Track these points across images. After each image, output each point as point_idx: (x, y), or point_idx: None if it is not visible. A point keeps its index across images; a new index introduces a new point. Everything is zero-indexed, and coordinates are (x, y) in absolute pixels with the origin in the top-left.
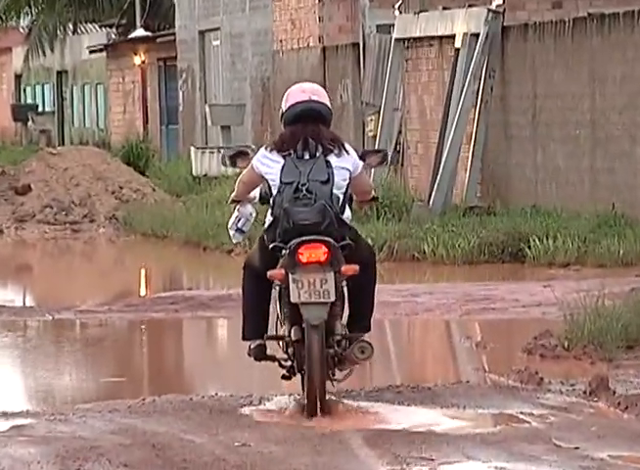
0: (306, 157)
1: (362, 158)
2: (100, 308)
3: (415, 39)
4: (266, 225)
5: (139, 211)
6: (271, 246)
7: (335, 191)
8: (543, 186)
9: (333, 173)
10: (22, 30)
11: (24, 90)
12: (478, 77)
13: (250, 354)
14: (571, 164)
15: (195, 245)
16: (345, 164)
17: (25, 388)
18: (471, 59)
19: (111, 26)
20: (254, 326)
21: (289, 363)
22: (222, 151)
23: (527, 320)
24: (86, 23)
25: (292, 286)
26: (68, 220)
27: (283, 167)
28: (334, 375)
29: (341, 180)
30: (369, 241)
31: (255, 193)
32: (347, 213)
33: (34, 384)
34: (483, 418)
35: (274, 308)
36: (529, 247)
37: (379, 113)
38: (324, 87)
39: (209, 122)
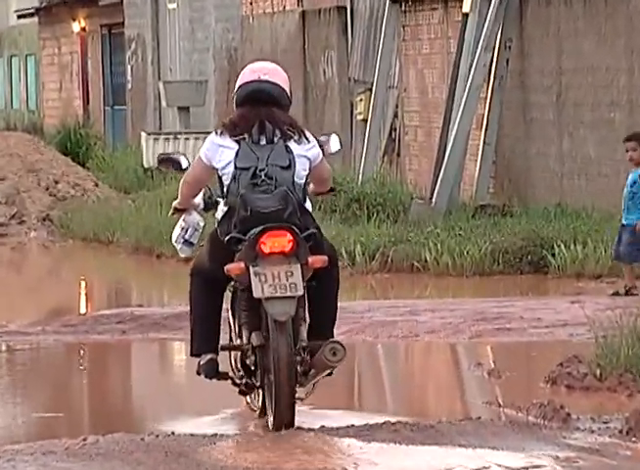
0: (263, 142)
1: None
2: (31, 329)
3: (414, 1)
4: (219, 217)
5: (78, 211)
6: (227, 238)
7: (296, 180)
8: (570, 180)
9: (294, 159)
10: None
11: None
12: (490, 48)
13: (199, 373)
14: (603, 154)
15: (146, 252)
16: (306, 153)
17: None
18: (482, 26)
19: None
20: (205, 339)
21: (244, 381)
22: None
23: (551, 343)
24: None
25: (254, 280)
26: None
27: (237, 152)
28: (300, 386)
29: (301, 169)
30: (358, 247)
31: (199, 200)
32: (308, 206)
33: None
34: (497, 462)
35: (225, 320)
36: (553, 254)
37: (370, 91)
38: (303, 59)
39: (164, 103)
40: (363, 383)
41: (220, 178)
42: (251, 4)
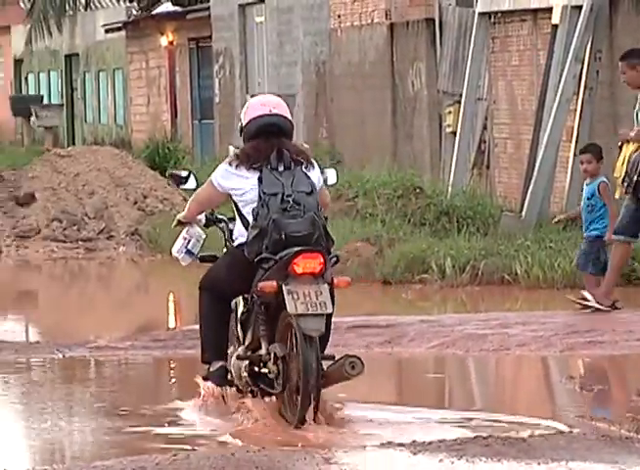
0: (281, 168)
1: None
2: (120, 344)
3: (503, 13)
4: (247, 238)
5: (167, 226)
6: (258, 258)
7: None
8: None
9: (314, 185)
10: (22, 5)
11: (26, 79)
12: (580, 59)
13: (207, 378)
14: None
15: None
16: (314, 178)
17: (29, 441)
18: (571, 37)
19: (131, 0)
20: (215, 348)
21: (249, 388)
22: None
23: None
24: None
25: (287, 297)
26: (80, 237)
27: (261, 179)
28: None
29: (317, 192)
30: (448, 260)
31: (201, 216)
32: None
33: (40, 436)
34: None
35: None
36: None
37: (459, 103)
38: (392, 71)
39: None
40: (454, 397)
41: (235, 203)
42: (339, 17)
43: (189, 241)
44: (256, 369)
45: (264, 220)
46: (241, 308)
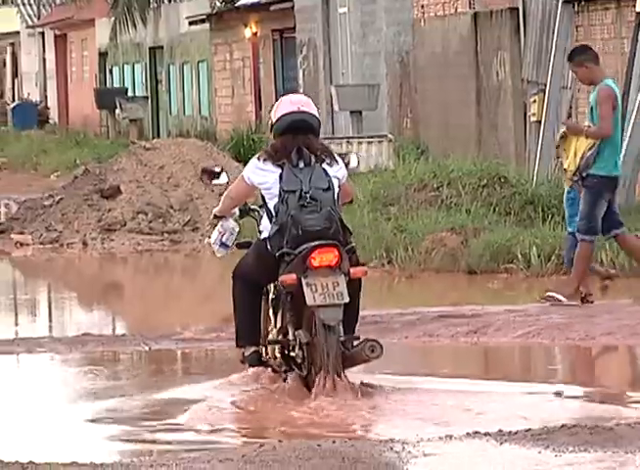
0: (301, 165)
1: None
2: (206, 336)
3: (587, 1)
4: (270, 233)
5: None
6: (279, 252)
7: (335, 199)
8: None
9: (332, 181)
10: None
11: (111, 71)
12: None
13: (243, 361)
14: None
15: None
16: (337, 173)
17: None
18: None
19: None
20: (248, 333)
21: (282, 368)
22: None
23: None
24: None
25: (306, 289)
26: (165, 229)
27: (281, 176)
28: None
29: (335, 189)
30: (534, 249)
31: (235, 209)
32: None
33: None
34: None
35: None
36: None
37: (543, 92)
38: (476, 61)
39: (336, 107)
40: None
41: (263, 196)
42: (422, 7)
43: (223, 234)
44: (286, 352)
45: (284, 216)
46: (272, 294)
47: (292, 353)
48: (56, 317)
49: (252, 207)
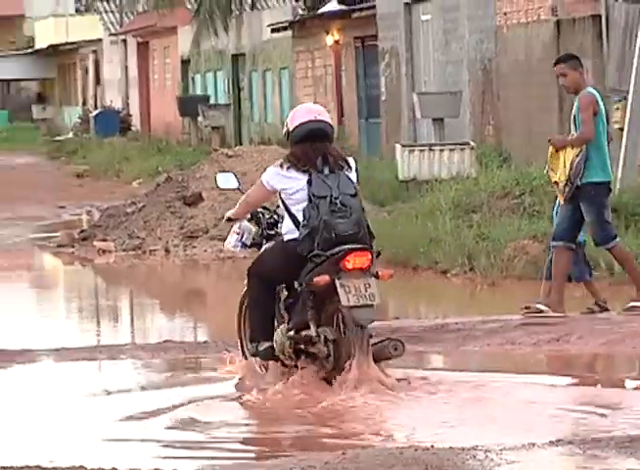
0: (326, 172)
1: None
2: None
3: None
4: (300, 236)
5: None
6: (312, 254)
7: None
8: None
9: (357, 187)
10: (189, 6)
11: (193, 79)
12: None
13: (255, 355)
14: None
15: (402, 264)
16: (353, 179)
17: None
18: None
19: (297, 0)
20: (263, 329)
21: (293, 362)
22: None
23: None
24: None
25: (340, 291)
26: None
27: (310, 182)
28: None
29: (359, 193)
30: None
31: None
32: None
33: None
34: None
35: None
36: None
37: (626, 99)
38: None
39: (418, 115)
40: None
41: (283, 201)
42: (505, 14)
43: (242, 234)
44: (302, 347)
45: (315, 220)
46: (284, 295)
47: (311, 349)
48: (138, 324)
49: (259, 210)
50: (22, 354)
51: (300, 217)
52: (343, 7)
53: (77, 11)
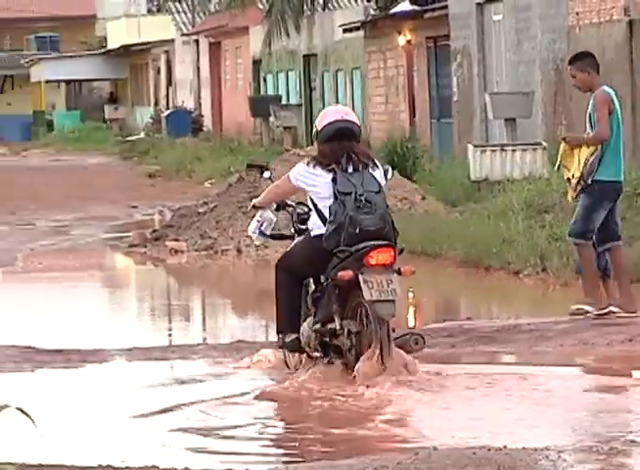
0: (350, 170)
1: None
2: None
3: None
4: (326, 232)
5: (406, 224)
6: (338, 249)
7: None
8: None
9: (380, 185)
10: (260, 6)
11: (265, 79)
12: None
13: (282, 347)
14: None
15: (474, 264)
16: (378, 178)
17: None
18: None
19: (369, 0)
20: (290, 321)
21: (318, 354)
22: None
23: None
24: None
25: (363, 286)
26: None
27: (335, 179)
28: None
29: (383, 191)
30: None
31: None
32: None
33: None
34: None
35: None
36: None
37: None
38: (631, 68)
39: (490, 115)
40: None
41: (312, 198)
42: (577, 14)
43: (262, 224)
44: (327, 340)
45: (341, 217)
46: (312, 288)
47: (335, 342)
48: (210, 324)
49: (289, 202)
50: (94, 354)
51: (327, 214)
52: (416, 7)
53: (149, 11)
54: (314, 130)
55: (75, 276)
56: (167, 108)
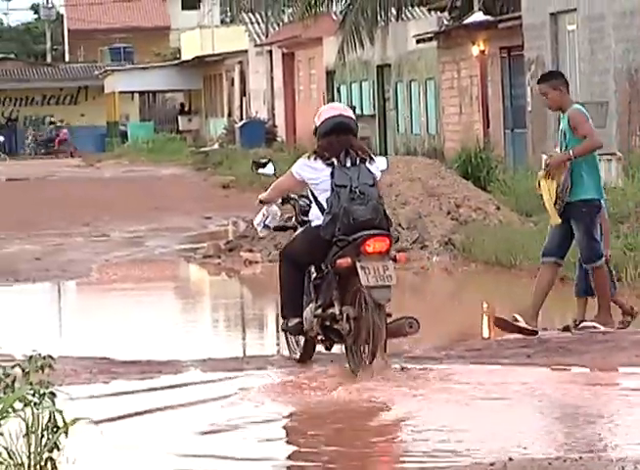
0: (348, 164)
1: None
2: (436, 354)
3: None
4: (323, 222)
5: (480, 235)
6: (336, 238)
7: (379, 193)
8: None
9: (375, 178)
10: (334, 17)
11: (338, 90)
12: None
13: (285, 330)
14: None
15: None
16: (375, 171)
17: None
18: None
19: (442, 10)
20: (293, 306)
21: (320, 337)
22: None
23: None
24: (412, 6)
25: (360, 272)
26: (394, 247)
27: (333, 173)
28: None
29: (378, 184)
30: None
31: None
32: None
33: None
34: None
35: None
36: None
37: None
38: None
39: None
40: None
41: (312, 191)
42: None
43: (267, 217)
44: (328, 324)
45: (336, 208)
46: (314, 275)
47: (335, 326)
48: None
49: (292, 196)
50: (169, 365)
51: (326, 205)
52: (489, 17)
53: (223, 22)
54: (314, 127)
55: (150, 287)
56: (241, 118)
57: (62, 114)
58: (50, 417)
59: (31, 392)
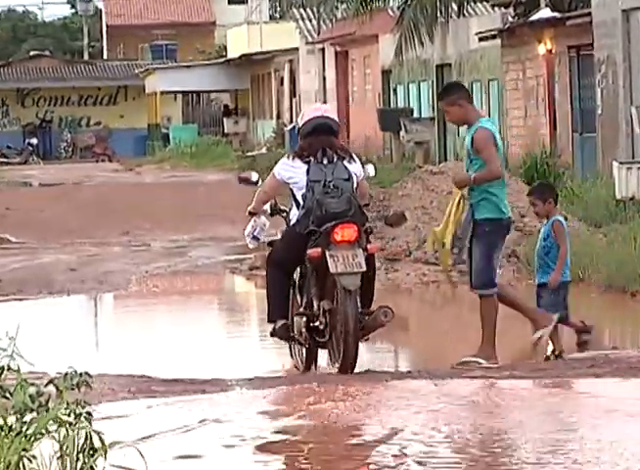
0: (325, 162)
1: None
2: (496, 374)
3: None
4: (297, 217)
5: None
6: (307, 230)
7: (354, 188)
8: None
9: (351, 173)
10: (391, 13)
11: (395, 90)
12: None
13: (273, 335)
14: None
15: (620, 290)
16: (354, 170)
17: None
18: None
19: (507, 6)
20: (279, 309)
21: (307, 340)
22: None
23: None
24: (474, 2)
25: (329, 260)
26: (453, 260)
27: (308, 170)
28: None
29: (354, 179)
30: None
31: (267, 207)
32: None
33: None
34: None
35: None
36: None
37: None
38: None
39: (637, 129)
40: None
41: (292, 190)
42: None
43: (256, 229)
44: (311, 324)
45: (310, 201)
46: (297, 278)
47: (315, 323)
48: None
49: (282, 207)
50: (212, 384)
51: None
52: (557, 14)
53: (272, 18)
54: (297, 128)
55: (192, 301)
56: (291, 121)
57: (99, 115)
58: (86, 438)
59: (66, 411)
